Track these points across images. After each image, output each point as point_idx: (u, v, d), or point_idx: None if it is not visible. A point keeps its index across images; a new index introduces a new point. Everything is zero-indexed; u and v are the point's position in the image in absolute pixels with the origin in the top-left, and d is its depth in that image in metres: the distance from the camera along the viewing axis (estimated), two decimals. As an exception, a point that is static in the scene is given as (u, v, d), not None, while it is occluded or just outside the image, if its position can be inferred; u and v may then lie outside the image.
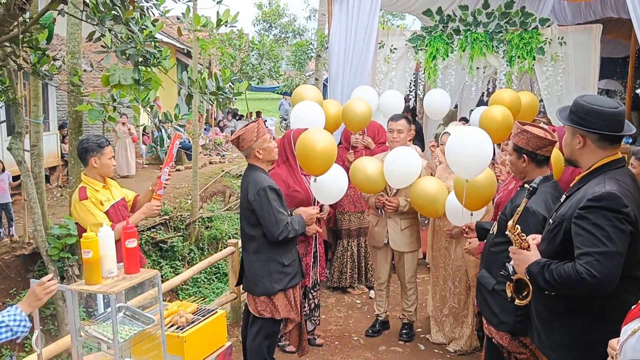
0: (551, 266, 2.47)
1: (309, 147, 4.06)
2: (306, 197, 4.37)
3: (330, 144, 4.11)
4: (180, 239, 10.33)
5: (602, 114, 2.40)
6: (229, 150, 16.85)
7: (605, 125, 2.41)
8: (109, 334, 2.47)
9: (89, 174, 3.98)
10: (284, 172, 4.45)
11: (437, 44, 7.22)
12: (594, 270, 2.29)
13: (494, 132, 4.52)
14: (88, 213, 3.83)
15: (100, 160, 3.94)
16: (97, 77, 13.23)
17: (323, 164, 4.12)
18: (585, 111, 2.44)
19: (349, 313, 5.58)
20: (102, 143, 3.95)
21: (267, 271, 3.78)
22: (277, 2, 23.76)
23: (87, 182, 3.96)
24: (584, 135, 2.47)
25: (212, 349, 2.98)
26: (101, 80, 4.92)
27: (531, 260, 2.57)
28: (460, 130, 4.13)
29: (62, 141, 12.49)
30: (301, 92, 5.53)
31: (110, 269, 2.57)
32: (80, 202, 3.84)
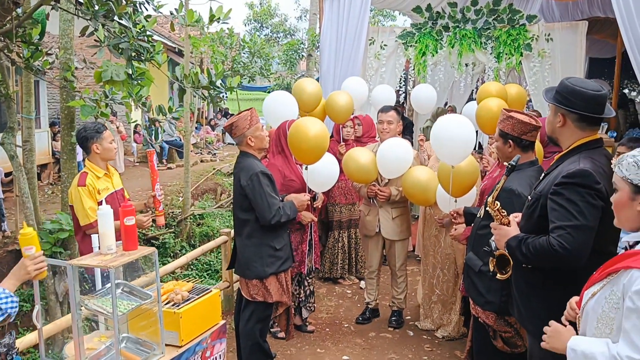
0: (528, 240, 2.59)
1: (301, 137, 4.15)
2: (302, 186, 4.46)
3: (322, 132, 4.20)
4: (171, 235, 10.38)
5: (584, 95, 2.51)
6: (220, 148, 16.92)
7: (585, 106, 2.51)
8: (108, 307, 2.54)
9: (92, 161, 4.06)
10: (279, 162, 4.54)
11: (427, 40, 7.34)
12: (565, 243, 2.41)
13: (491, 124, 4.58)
14: (79, 200, 3.90)
15: (101, 145, 4.01)
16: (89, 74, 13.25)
17: (315, 153, 4.21)
18: (568, 91, 2.54)
19: (339, 302, 5.68)
20: (99, 128, 4.03)
21: (259, 255, 3.87)
22: (268, 2, 23.85)
23: (90, 168, 4.03)
24: (564, 114, 2.58)
25: (207, 326, 3.06)
26: (94, 77, 4.98)
27: (510, 235, 2.68)
28: (444, 117, 4.23)
29: (53, 139, 12.51)
30: (302, 85, 5.58)
31: (109, 246, 2.64)
32: (77, 188, 3.91)
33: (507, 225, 2.75)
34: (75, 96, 6.56)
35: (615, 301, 1.89)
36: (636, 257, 1.87)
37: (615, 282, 1.91)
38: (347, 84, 6.03)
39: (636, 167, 1.91)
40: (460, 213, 3.93)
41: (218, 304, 3.21)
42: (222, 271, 5.44)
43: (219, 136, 17.62)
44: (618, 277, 1.90)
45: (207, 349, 3.07)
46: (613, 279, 1.93)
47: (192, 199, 11.44)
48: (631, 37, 5.34)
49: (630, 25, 5.35)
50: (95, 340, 2.89)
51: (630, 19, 5.37)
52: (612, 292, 1.91)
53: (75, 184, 3.95)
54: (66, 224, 7.18)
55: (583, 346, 1.94)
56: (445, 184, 4.11)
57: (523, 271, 2.74)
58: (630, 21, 5.37)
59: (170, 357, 2.80)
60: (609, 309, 1.91)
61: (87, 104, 5.25)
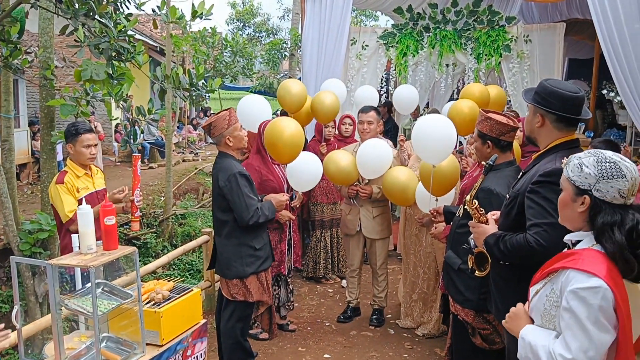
0: (505, 237, 2.65)
1: (276, 136, 4.16)
2: (279, 185, 4.48)
3: (297, 131, 4.20)
4: (153, 235, 10.34)
5: (562, 96, 2.56)
6: (202, 148, 16.86)
7: (563, 107, 2.57)
8: (88, 307, 2.54)
9: (72, 159, 4.03)
10: (257, 162, 4.55)
11: (408, 41, 7.40)
12: (541, 240, 2.47)
13: (461, 125, 4.66)
14: (58, 197, 3.89)
15: (74, 147, 3.98)
16: (69, 73, 13.13)
17: (290, 152, 4.22)
18: (547, 92, 2.60)
19: (321, 301, 5.71)
20: (79, 129, 3.98)
21: (239, 255, 3.88)
22: (250, 1, 23.80)
23: (70, 166, 4.01)
24: (543, 115, 2.63)
25: (188, 325, 3.06)
26: (74, 75, 4.95)
27: (489, 233, 2.74)
28: (425, 117, 4.28)
29: (33, 138, 12.37)
30: (288, 85, 5.57)
31: (90, 246, 2.64)
32: (55, 185, 3.90)
33: (485, 223, 2.80)
34: (55, 95, 6.51)
35: (554, 299, 1.96)
36: (573, 257, 1.93)
37: (555, 280, 1.98)
38: (326, 86, 6.05)
39: (579, 169, 1.95)
40: (440, 212, 3.97)
41: (199, 303, 3.22)
42: (204, 271, 5.44)
43: (201, 135, 17.55)
44: (557, 276, 1.97)
45: (187, 348, 3.07)
46: (553, 278, 1.99)
47: (174, 199, 11.39)
48: (607, 39, 5.44)
49: (607, 26, 5.45)
50: (75, 340, 2.88)
51: (607, 21, 5.47)
52: (552, 290, 1.98)
53: (54, 182, 3.94)
54: (46, 224, 7.11)
55: (531, 336, 2.01)
56: (427, 183, 4.15)
57: (500, 268, 2.79)
58: (607, 23, 5.47)
59: (150, 356, 2.80)
60: (550, 307, 1.98)
61: (67, 103, 5.21)
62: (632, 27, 5.28)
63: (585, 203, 1.94)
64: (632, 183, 1.90)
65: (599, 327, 1.81)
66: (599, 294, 1.80)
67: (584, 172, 1.94)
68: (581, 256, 1.92)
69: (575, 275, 1.87)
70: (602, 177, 1.90)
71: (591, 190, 1.93)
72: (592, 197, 1.93)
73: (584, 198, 1.94)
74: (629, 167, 1.91)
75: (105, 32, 4.84)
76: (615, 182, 1.89)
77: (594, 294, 1.81)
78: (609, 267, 1.86)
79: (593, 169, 1.92)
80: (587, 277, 1.84)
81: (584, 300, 1.82)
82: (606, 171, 1.90)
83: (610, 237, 1.88)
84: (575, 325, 1.83)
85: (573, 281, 1.86)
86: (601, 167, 1.91)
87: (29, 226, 7.27)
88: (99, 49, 4.92)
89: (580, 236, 2.02)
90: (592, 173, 1.92)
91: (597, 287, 1.81)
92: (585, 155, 1.99)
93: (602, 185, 1.90)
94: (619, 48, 5.41)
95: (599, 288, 1.81)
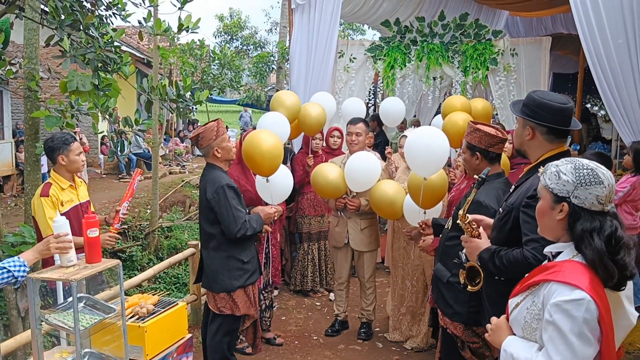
0: (501, 252, 2.61)
1: (254, 149, 4.10)
2: (256, 195, 4.44)
3: (275, 144, 4.15)
4: (139, 248, 10.21)
5: (551, 108, 2.54)
6: (189, 160, 16.76)
7: (553, 119, 2.55)
8: (69, 322, 2.48)
9: (58, 172, 3.98)
10: (237, 172, 4.52)
11: (395, 53, 7.41)
12: (539, 255, 2.42)
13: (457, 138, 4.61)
14: (41, 210, 3.83)
15: (67, 157, 3.94)
16: (55, 85, 13.06)
17: (269, 165, 4.16)
18: (536, 104, 2.57)
19: (308, 315, 5.65)
20: (67, 140, 3.96)
21: (226, 268, 3.83)
22: (238, 14, 23.85)
23: (55, 179, 3.95)
24: (533, 127, 2.60)
25: (173, 340, 3.01)
26: (59, 87, 4.89)
27: (482, 248, 2.71)
28: (418, 130, 4.25)
29: (17, 150, 12.24)
30: (281, 97, 5.52)
31: (69, 258, 2.58)
32: (39, 198, 3.83)
33: (478, 237, 2.77)
34: (40, 106, 6.43)
35: (536, 312, 1.93)
36: (554, 270, 1.91)
37: (536, 293, 1.95)
38: (316, 99, 6.03)
39: (557, 177, 1.94)
40: (428, 224, 3.95)
41: (184, 317, 3.17)
42: (190, 284, 5.37)
43: (188, 148, 17.46)
44: (538, 288, 1.94)
45: (173, 363, 3.02)
46: (534, 291, 1.96)
47: (160, 211, 11.29)
48: (593, 53, 5.46)
49: (592, 41, 5.47)
50: (56, 356, 2.82)
51: (593, 36, 5.49)
52: (533, 303, 1.95)
53: (38, 194, 3.87)
54: (29, 237, 6.96)
55: (512, 348, 1.97)
56: (415, 195, 4.13)
57: (495, 282, 2.75)
58: (592, 38, 5.49)
59: (134, 372, 2.75)
60: (531, 320, 1.95)
61: (52, 115, 5.15)
62: (616, 41, 5.31)
63: (564, 210, 1.93)
64: (609, 190, 1.89)
65: (583, 341, 1.78)
66: (583, 306, 1.78)
67: (561, 180, 1.93)
68: (562, 268, 1.90)
69: (557, 287, 1.85)
70: (580, 184, 1.89)
71: (569, 197, 1.91)
72: (571, 204, 1.91)
73: (563, 205, 1.93)
74: (606, 174, 1.91)
75: (91, 42, 4.80)
76: (593, 189, 1.88)
77: (578, 307, 1.78)
78: (591, 278, 1.84)
79: (571, 176, 1.91)
80: (570, 290, 1.81)
81: (568, 313, 1.79)
82: (584, 178, 1.89)
83: (590, 244, 1.86)
84: (559, 339, 1.80)
85: (556, 294, 1.84)
86: (579, 174, 1.90)
87: (11, 239, 7.12)
88: (85, 59, 4.87)
89: (560, 247, 2.00)
90: (570, 180, 1.91)
91: (580, 299, 1.78)
92: (562, 163, 1.97)
93: (580, 192, 1.89)
94: (604, 62, 5.44)
95: (583, 300, 1.78)
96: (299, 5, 7.41)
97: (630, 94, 5.30)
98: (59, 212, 3.84)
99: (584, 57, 8.78)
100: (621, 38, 5.27)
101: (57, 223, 2.61)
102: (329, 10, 7.28)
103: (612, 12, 5.26)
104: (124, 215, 3.96)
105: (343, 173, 4.66)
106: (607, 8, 5.27)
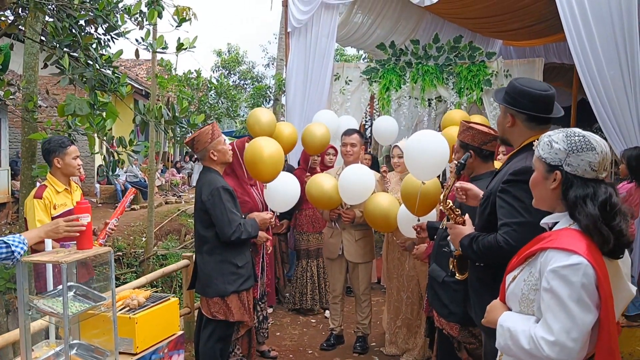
0: (479, 238, 2.58)
1: (257, 154, 4.12)
2: (254, 205, 4.42)
3: (277, 150, 4.19)
4: (133, 275, 10.14)
5: (531, 95, 2.52)
6: (185, 191, 16.76)
7: (532, 106, 2.52)
8: (58, 308, 2.44)
9: (54, 175, 3.97)
10: (231, 182, 4.50)
11: (390, 76, 7.49)
12: (510, 239, 2.41)
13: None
14: (32, 212, 3.80)
15: (63, 160, 3.94)
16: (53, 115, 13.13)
17: (271, 170, 4.18)
18: (516, 92, 2.56)
19: (304, 330, 5.56)
20: (64, 143, 3.97)
21: (220, 272, 3.78)
22: (236, 49, 24.19)
23: (50, 181, 3.93)
24: (513, 115, 2.59)
25: (165, 334, 2.95)
26: (57, 110, 4.92)
27: (464, 234, 2.68)
28: (417, 133, 4.23)
29: (13, 178, 12.24)
30: (257, 114, 5.56)
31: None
32: (32, 199, 3.80)
33: (462, 224, 2.75)
34: (37, 127, 6.45)
35: (533, 282, 1.90)
36: (551, 238, 1.90)
37: (532, 263, 1.93)
38: (318, 117, 6.06)
39: (549, 146, 1.94)
40: (423, 227, 3.92)
41: (176, 312, 3.12)
42: (183, 296, 5.29)
43: (184, 179, 17.49)
44: (535, 258, 1.92)
45: (163, 359, 2.95)
46: (531, 261, 1.95)
47: (156, 239, 11.23)
48: (590, 82, 5.48)
49: (589, 71, 5.50)
50: (44, 349, 2.76)
51: (589, 66, 5.52)
52: (530, 273, 1.93)
53: (32, 195, 3.85)
54: (21, 257, 6.92)
55: (509, 323, 1.94)
56: (409, 202, 4.10)
57: (476, 269, 2.73)
58: (589, 67, 5.52)
59: (124, 364, 2.69)
60: (528, 291, 1.92)
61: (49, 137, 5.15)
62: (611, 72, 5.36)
63: (557, 179, 1.92)
64: (602, 157, 1.89)
65: (582, 307, 1.75)
66: (580, 270, 1.76)
67: (554, 148, 1.93)
68: (559, 236, 1.89)
69: (554, 254, 1.83)
70: (572, 151, 1.89)
71: (562, 165, 1.91)
72: (563, 172, 1.91)
73: (555, 174, 1.93)
74: (599, 142, 1.90)
75: (90, 62, 4.85)
76: (585, 155, 1.88)
77: (575, 272, 1.76)
78: (588, 244, 1.82)
79: (562, 143, 1.91)
80: (567, 255, 1.79)
81: (565, 278, 1.77)
82: (576, 144, 1.89)
83: (584, 210, 1.85)
84: (557, 306, 1.77)
85: (552, 260, 1.81)
86: (570, 141, 1.90)
87: (4, 260, 7.08)
88: (83, 78, 4.92)
89: (556, 218, 1.99)
90: (561, 148, 1.91)
91: (577, 264, 1.76)
92: (554, 132, 1.98)
93: (572, 159, 1.89)
94: (602, 91, 5.48)
95: (580, 265, 1.76)
96: (295, 29, 7.54)
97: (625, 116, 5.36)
98: (51, 215, 3.83)
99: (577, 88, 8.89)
100: (613, 69, 5.34)
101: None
102: (324, 34, 7.41)
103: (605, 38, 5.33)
104: (111, 230, 3.93)
105: (337, 184, 4.65)
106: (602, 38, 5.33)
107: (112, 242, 10.76)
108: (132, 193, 4.19)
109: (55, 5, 4.82)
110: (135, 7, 4.94)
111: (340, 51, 22.24)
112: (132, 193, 4.17)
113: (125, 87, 5.42)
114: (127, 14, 4.90)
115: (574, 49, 5.56)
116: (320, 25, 7.39)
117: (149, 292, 3.07)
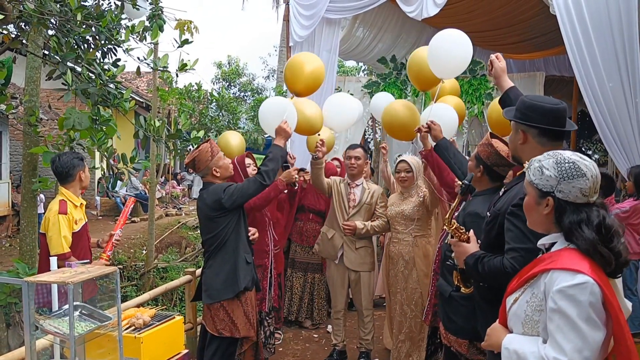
0: (484, 259, 2.55)
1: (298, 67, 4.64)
2: (260, 214, 4.51)
3: (319, 66, 4.73)
4: (134, 288, 10.10)
5: (541, 109, 2.48)
6: (186, 203, 16.74)
7: (543, 119, 2.47)
8: (64, 329, 2.43)
9: (71, 189, 3.94)
10: None
11: (392, 89, 7.53)
12: (517, 265, 2.36)
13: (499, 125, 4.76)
14: (57, 228, 3.74)
15: (84, 172, 4.00)
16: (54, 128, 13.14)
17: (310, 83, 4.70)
18: (526, 106, 2.53)
19: (306, 345, 5.54)
20: (80, 156, 4.05)
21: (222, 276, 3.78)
22: (236, 61, 24.27)
23: (67, 196, 3.90)
24: (525, 131, 2.54)
25: (170, 353, 2.94)
26: (57, 124, 4.94)
27: (469, 252, 2.66)
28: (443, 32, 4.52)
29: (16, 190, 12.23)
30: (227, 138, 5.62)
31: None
32: (57, 215, 3.73)
33: (466, 241, 2.73)
34: (39, 141, 6.46)
35: (537, 304, 1.91)
36: (552, 259, 1.91)
37: (535, 285, 1.93)
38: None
39: (540, 172, 1.96)
40: (435, 122, 4.00)
41: (181, 331, 3.11)
42: (186, 311, 5.27)
43: (184, 191, 17.48)
44: (537, 279, 1.92)
45: (168, 378, 2.94)
46: (533, 282, 1.95)
47: (156, 252, 11.20)
48: (590, 94, 5.49)
49: (589, 83, 5.51)
50: (49, 368, 2.75)
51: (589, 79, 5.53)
52: (533, 294, 1.93)
53: (56, 210, 3.78)
54: (23, 274, 6.92)
55: (515, 345, 1.94)
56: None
57: (480, 288, 2.72)
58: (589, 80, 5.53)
59: (129, 384, 2.67)
60: (532, 313, 1.92)
61: (50, 151, 5.14)
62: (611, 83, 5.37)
63: (549, 205, 1.95)
64: (593, 181, 1.90)
65: (591, 325, 1.76)
66: (587, 289, 1.77)
67: (544, 175, 1.95)
68: (560, 256, 1.89)
69: (559, 274, 1.83)
70: (562, 178, 1.91)
71: (554, 192, 1.93)
72: (555, 198, 1.92)
73: (548, 200, 1.95)
74: (589, 166, 1.92)
75: (93, 77, 4.87)
76: (576, 182, 1.90)
77: (582, 291, 1.77)
78: (590, 263, 1.84)
79: (553, 170, 1.93)
80: (572, 275, 1.80)
81: (573, 298, 1.77)
82: (566, 172, 1.91)
83: (581, 235, 1.87)
84: (567, 326, 1.78)
85: (558, 280, 1.82)
86: (561, 168, 1.92)
87: (5, 275, 7.06)
88: (87, 93, 4.93)
89: (553, 238, 2.00)
90: (552, 175, 1.93)
91: (583, 282, 1.78)
92: (544, 157, 1.99)
93: (563, 186, 1.91)
94: (602, 102, 5.50)
95: (586, 284, 1.77)
96: (297, 43, 7.57)
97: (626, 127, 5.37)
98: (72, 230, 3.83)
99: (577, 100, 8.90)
100: (612, 81, 5.36)
101: None
102: (327, 48, 7.43)
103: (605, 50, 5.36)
104: (116, 241, 3.96)
105: (321, 112, 4.90)
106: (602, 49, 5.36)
107: (113, 255, 10.75)
108: (132, 202, 4.20)
109: (57, 20, 4.84)
110: (139, 25, 4.97)
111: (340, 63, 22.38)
112: (132, 202, 4.18)
113: (129, 102, 5.44)
114: (132, 32, 4.92)
115: (574, 61, 5.58)
116: (323, 39, 7.43)
117: (153, 311, 3.06)
